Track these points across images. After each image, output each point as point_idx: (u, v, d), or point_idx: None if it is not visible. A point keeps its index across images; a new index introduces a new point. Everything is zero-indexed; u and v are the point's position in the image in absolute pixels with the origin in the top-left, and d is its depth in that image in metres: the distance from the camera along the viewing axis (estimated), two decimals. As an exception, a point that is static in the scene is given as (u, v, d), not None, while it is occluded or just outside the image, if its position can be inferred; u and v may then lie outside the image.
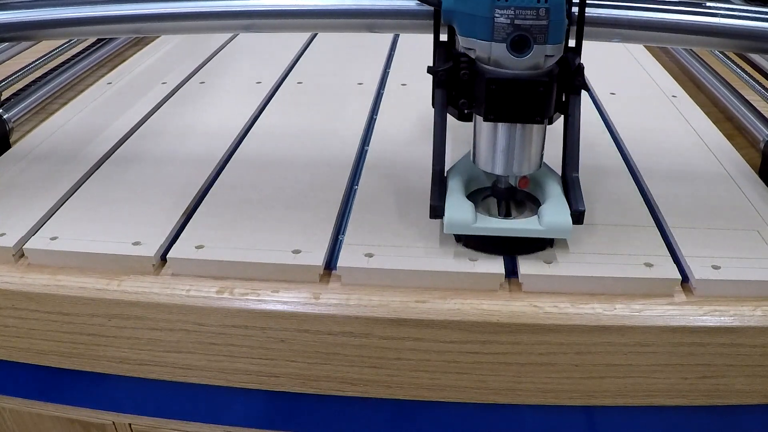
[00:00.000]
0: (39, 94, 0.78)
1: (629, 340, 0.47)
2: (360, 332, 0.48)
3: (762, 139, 0.67)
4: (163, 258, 0.51)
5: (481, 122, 0.49)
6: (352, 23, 0.53)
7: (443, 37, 0.51)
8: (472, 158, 0.52)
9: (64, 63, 0.88)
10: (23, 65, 0.85)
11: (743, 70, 0.85)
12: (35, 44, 0.91)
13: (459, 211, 0.49)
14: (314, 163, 0.64)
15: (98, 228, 0.54)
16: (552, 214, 0.49)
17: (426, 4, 0.49)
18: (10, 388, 0.59)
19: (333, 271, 0.51)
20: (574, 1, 0.48)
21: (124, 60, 0.94)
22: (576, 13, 0.48)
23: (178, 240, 0.53)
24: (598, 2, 0.50)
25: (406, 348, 0.48)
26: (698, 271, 0.49)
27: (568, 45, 0.49)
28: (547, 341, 0.47)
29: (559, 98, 0.49)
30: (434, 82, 0.49)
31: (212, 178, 0.62)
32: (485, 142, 0.49)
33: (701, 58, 0.91)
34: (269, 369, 0.51)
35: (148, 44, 1.01)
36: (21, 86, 0.80)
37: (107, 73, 0.89)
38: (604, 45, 0.53)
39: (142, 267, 0.51)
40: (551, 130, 0.51)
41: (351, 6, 0.52)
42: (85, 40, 0.98)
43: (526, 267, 0.49)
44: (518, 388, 0.50)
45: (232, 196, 0.59)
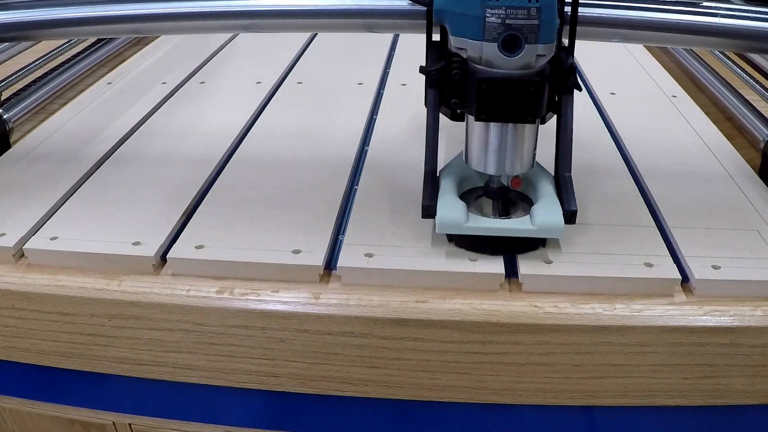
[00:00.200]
0: (39, 94, 0.78)
1: (629, 340, 0.47)
2: (360, 332, 0.48)
3: (762, 139, 0.67)
4: (163, 258, 0.51)
5: (473, 122, 0.49)
6: (346, 23, 0.53)
7: (436, 37, 0.51)
8: (464, 158, 0.52)
9: (64, 63, 0.88)
10: (23, 65, 0.85)
11: (743, 70, 0.85)
12: (35, 44, 0.91)
13: (451, 210, 0.49)
14: (314, 163, 0.64)
15: (98, 228, 0.54)
16: (544, 213, 0.49)
17: (418, 5, 0.49)
18: (10, 388, 0.59)
19: (333, 271, 0.51)
20: (566, 0, 0.48)
21: (124, 60, 0.94)
22: (569, 13, 0.49)
23: (178, 240, 0.53)
24: (598, 2, 0.50)
25: (406, 348, 0.48)
26: (698, 271, 0.49)
27: (561, 45, 0.49)
28: (547, 341, 0.47)
29: (552, 98, 0.49)
30: (427, 82, 0.49)
31: (212, 178, 0.62)
32: (477, 142, 0.49)
33: (701, 58, 0.91)
34: (269, 369, 0.51)
35: (148, 44, 1.01)
36: (21, 86, 0.80)
37: (107, 73, 0.89)
38: (604, 45, 0.53)
39: (142, 267, 0.51)
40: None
41: (344, 6, 0.52)
42: (85, 40, 0.98)
43: (526, 267, 0.49)
44: (518, 388, 0.50)
45: (232, 196, 0.59)
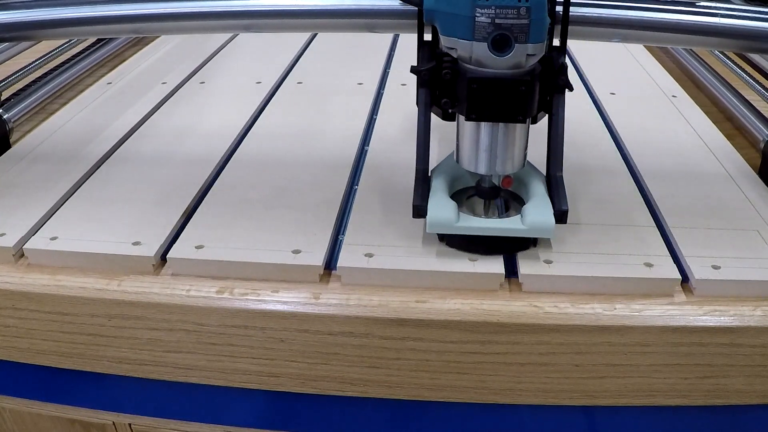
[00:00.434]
0: (39, 94, 0.78)
1: (629, 340, 0.47)
2: (360, 332, 0.48)
3: (762, 139, 0.67)
4: (163, 258, 0.51)
5: (464, 122, 0.49)
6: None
7: (428, 36, 0.51)
8: (455, 158, 0.52)
9: (64, 63, 0.88)
10: (23, 65, 0.85)
11: (743, 70, 0.85)
12: (35, 44, 0.91)
13: (441, 210, 0.49)
14: (314, 163, 0.64)
15: (98, 228, 0.54)
16: (535, 213, 0.49)
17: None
18: (10, 388, 0.59)
19: (333, 271, 0.51)
20: (558, 0, 0.48)
21: (124, 60, 0.94)
22: (560, 13, 0.48)
23: (178, 240, 0.53)
24: (597, 2, 0.50)
25: (406, 348, 0.48)
26: (698, 271, 0.49)
27: (552, 44, 0.49)
28: (547, 341, 0.47)
29: (544, 97, 0.49)
30: (418, 82, 0.49)
31: (212, 178, 0.62)
32: (468, 142, 0.49)
33: (701, 58, 0.91)
34: (269, 369, 0.51)
35: (148, 44, 1.01)
36: (21, 86, 0.80)
37: (107, 73, 0.89)
38: (604, 45, 0.53)
39: (142, 267, 0.51)
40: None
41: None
42: (85, 40, 0.98)
43: (526, 267, 0.49)
44: (518, 388, 0.50)
45: (232, 196, 0.59)
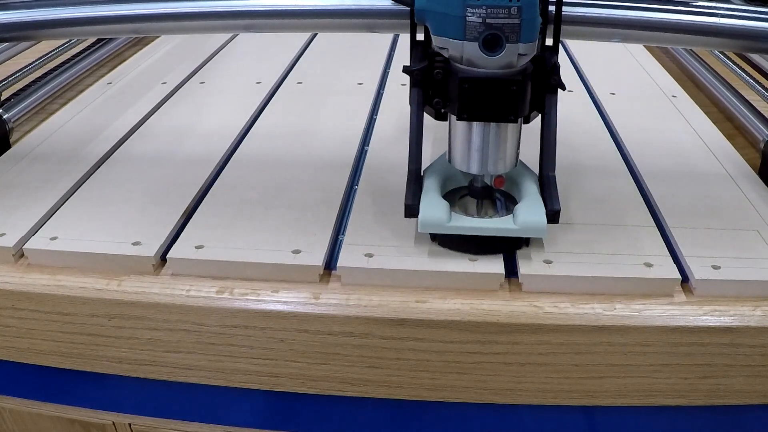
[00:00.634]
0: (39, 94, 0.78)
1: (629, 340, 0.47)
2: (360, 332, 0.48)
3: (762, 139, 0.67)
4: (163, 258, 0.51)
5: (456, 121, 0.49)
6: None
7: (421, 36, 0.51)
8: (447, 157, 0.52)
9: (64, 63, 0.88)
10: (23, 65, 0.85)
11: (743, 70, 0.85)
12: (35, 44, 0.91)
13: (433, 210, 0.49)
14: (314, 163, 0.64)
15: (98, 228, 0.54)
16: (527, 213, 0.49)
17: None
18: (10, 388, 0.59)
19: (333, 271, 0.51)
20: (550, 0, 0.48)
21: (124, 60, 0.94)
22: (553, 12, 0.49)
23: (177, 240, 0.53)
24: (596, 2, 0.50)
25: (406, 348, 0.48)
26: (698, 271, 0.49)
27: (545, 44, 0.49)
28: (547, 341, 0.47)
29: (536, 97, 0.49)
30: (410, 82, 0.49)
31: (212, 178, 0.62)
32: (460, 142, 0.50)
33: (701, 58, 0.91)
34: (269, 369, 0.51)
35: (148, 44, 1.01)
36: (21, 86, 0.80)
37: (107, 73, 0.89)
38: (604, 45, 0.53)
39: (142, 267, 0.51)
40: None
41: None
42: (85, 40, 0.98)
43: (526, 267, 0.49)
44: (518, 388, 0.50)
45: (232, 196, 0.59)
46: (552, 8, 0.49)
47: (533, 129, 0.52)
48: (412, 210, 0.49)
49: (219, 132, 0.70)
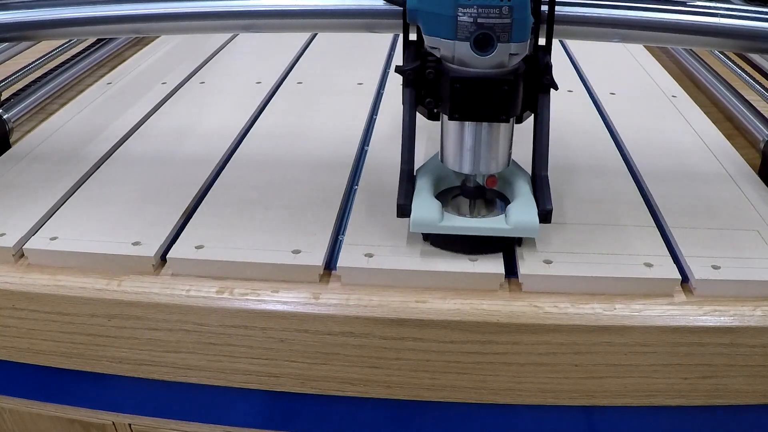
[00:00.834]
0: (39, 94, 0.78)
1: (629, 340, 0.47)
2: (360, 332, 0.48)
3: (762, 139, 0.67)
4: (163, 258, 0.51)
5: (448, 121, 0.49)
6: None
7: (414, 36, 0.51)
8: (440, 157, 0.52)
9: (64, 63, 0.88)
10: (23, 65, 0.85)
11: (743, 70, 0.85)
12: (35, 44, 0.91)
13: (425, 210, 0.49)
14: (314, 163, 0.64)
15: (98, 228, 0.54)
16: (519, 213, 0.49)
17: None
18: (10, 388, 0.59)
19: (333, 271, 0.51)
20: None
21: (124, 60, 0.94)
22: (546, 12, 0.48)
23: (178, 240, 0.53)
24: (596, 2, 0.50)
25: (406, 348, 0.48)
26: (698, 271, 0.49)
27: (538, 43, 0.49)
28: (547, 341, 0.47)
29: (529, 97, 0.49)
30: (403, 82, 0.49)
31: (212, 178, 0.62)
32: (452, 142, 0.49)
33: (701, 58, 0.91)
34: (269, 369, 0.51)
35: (148, 44, 1.01)
36: (21, 86, 0.80)
37: (107, 73, 0.89)
38: (604, 45, 0.53)
39: (142, 267, 0.51)
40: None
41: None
42: (85, 40, 0.98)
43: (526, 267, 0.49)
44: (518, 388, 0.50)
45: (232, 196, 0.59)
46: (545, 8, 0.49)
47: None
48: (404, 210, 0.49)
49: (219, 132, 0.70)
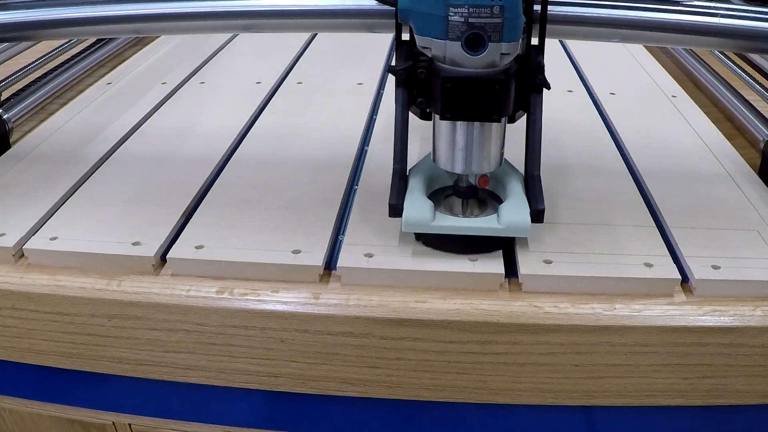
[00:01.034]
0: (39, 94, 0.78)
1: (629, 340, 0.47)
2: (360, 332, 0.48)
3: (762, 139, 0.67)
4: (163, 258, 0.51)
5: (440, 121, 0.49)
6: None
7: (407, 36, 0.51)
8: (432, 157, 0.52)
9: (64, 63, 0.88)
10: (23, 65, 0.85)
11: (743, 70, 0.85)
12: (35, 44, 0.91)
13: (417, 209, 0.49)
14: (314, 163, 0.64)
15: (98, 228, 0.54)
16: (511, 212, 0.49)
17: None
18: (10, 388, 0.59)
19: (333, 271, 0.51)
20: None
21: (124, 60, 0.94)
22: (539, 11, 0.48)
23: (177, 240, 0.53)
24: (596, 2, 0.50)
25: (406, 348, 0.48)
26: (698, 271, 0.49)
27: (530, 43, 0.49)
28: (547, 341, 0.47)
29: (522, 97, 0.49)
30: (395, 82, 0.49)
31: (212, 178, 0.62)
32: (444, 141, 0.49)
33: (701, 58, 0.91)
34: (269, 369, 0.51)
35: (148, 44, 1.01)
36: (21, 86, 0.80)
37: (107, 73, 0.89)
38: (604, 45, 0.53)
39: (142, 267, 0.51)
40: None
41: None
42: (85, 40, 0.98)
43: (526, 267, 0.49)
44: (518, 388, 0.50)
45: (232, 196, 0.59)
46: (538, 7, 0.49)
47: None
48: (396, 209, 0.49)
49: (219, 132, 0.70)
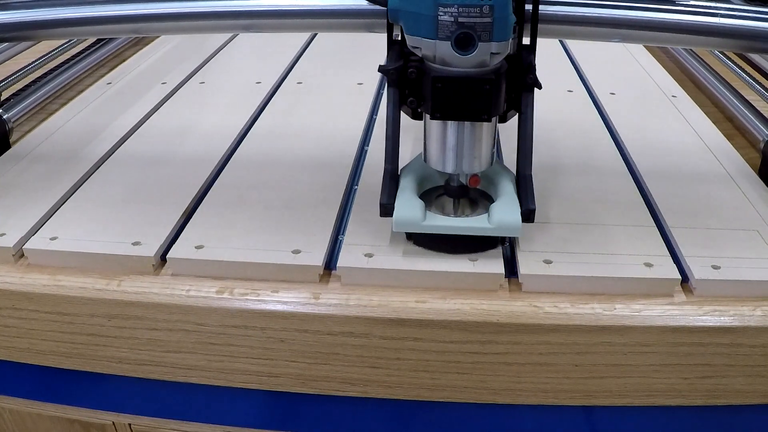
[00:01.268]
0: (39, 94, 0.78)
1: (629, 340, 0.47)
2: (360, 332, 0.48)
3: (762, 139, 0.67)
4: (163, 258, 0.51)
5: (431, 120, 0.49)
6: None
7: (399, 35, 0.51)
8: (423, 157, 0.52)
9: (64, 63, 0.88)
10: (23, 65, 0.85)
11: (743, 70, 0.85)
12: (35, 44, 0.91)
13: (408, 209, 0.49)
14: (314, 163, 0.64)
15: (98, 228, 0.54)
16: (502, 212, 0.49)
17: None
18: (10, 388, 0.59)
19: (333, 271, 0.51)
20: None
21: (124, 60, 0.94)
22: (530, 11, 0.49)
23: (177, 240, 0.53)
24: (596, 2, 0.50)
25: (406, 348, 0.48)
26: (698, 271, 0.49)
27: (522, 43, 0.49)
28: (547, 341, 0.47)
29: (513, 96, 0.49)
30: (387, 81, 0.49)
31: (212, 178, 0.62)
32: (435, 141, 0.50)
33: (701, 58, 0.91)
34: (269, 369, 0.51)
35: (148, 44, 1.01)
36: (21, 86, 0.80)
37: (107, 73, 0.89)
38: (604, 45, 0.53)
39: (142, 267, 0.51)
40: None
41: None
42: (85, 40, 0.98)
43: (526, 267, 0.49)
44: (518, 388, 0.50)
45: (232, 196, 0.59)
46: (529, 7, 0.48)
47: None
48: (387, 209, 0.49)
49: (219, 132, 0.70)
